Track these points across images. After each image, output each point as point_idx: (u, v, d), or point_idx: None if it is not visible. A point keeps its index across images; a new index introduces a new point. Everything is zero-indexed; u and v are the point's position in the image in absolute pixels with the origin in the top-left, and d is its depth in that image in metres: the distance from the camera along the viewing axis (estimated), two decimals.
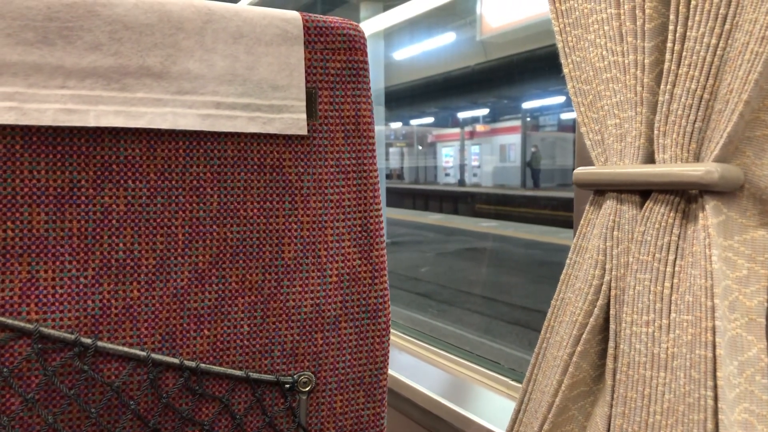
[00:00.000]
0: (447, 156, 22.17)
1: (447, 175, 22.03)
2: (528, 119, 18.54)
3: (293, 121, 0.64)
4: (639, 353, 0.57)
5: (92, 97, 0.56)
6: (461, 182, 20.45)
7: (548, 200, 13.24)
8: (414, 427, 1.22)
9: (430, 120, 22.55)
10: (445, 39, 11.08)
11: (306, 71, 0.64)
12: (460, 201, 16.29)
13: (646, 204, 0.60)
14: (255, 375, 0.64)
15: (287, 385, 0.65)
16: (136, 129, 0.59)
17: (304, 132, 0.64)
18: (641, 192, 0.61)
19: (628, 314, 0.59)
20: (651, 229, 0.58)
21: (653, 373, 0.56)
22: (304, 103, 0.64)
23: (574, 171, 0.68)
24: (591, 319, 0.63)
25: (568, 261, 0.69)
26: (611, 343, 0.61)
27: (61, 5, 0.55)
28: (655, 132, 0.59)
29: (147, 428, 0.60)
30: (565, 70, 0.68)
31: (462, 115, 21.04)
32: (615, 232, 0.62)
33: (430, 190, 18.88)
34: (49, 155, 0.56)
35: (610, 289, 0.62)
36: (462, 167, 21.15)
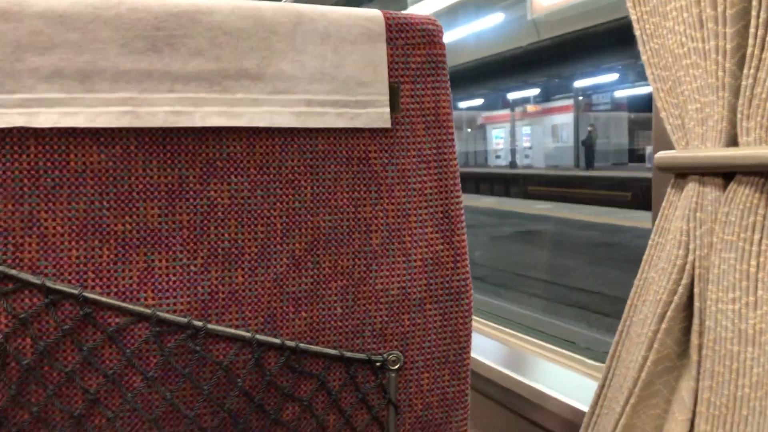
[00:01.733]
0: (497, 138, 21.91)
1: (498, 157, 21.78)
2: (580, 98, 18.16)
3: (378, 115, 0.67)
4: (725, 329, 0.59)
5: (197, 99, 0.61)
6: (512, 164, 20.21)
7: (602, 180, 12.97)
8: (490, 404, 1.25)
9: (479, 102, 22.29)
10: (494, 19, 10.92)
11: (388, 67, 0.67)
12: (511, 183, 16.11)
13: (729, 186, 0.61)
14: (348, 354, 0.68)
15: (378, 363, 0.69)
16: (237, 127, 0.63)
17: (388, 125, 0.67)
18: (724, 174, 0.62)
19: (713, 292, 0.60)
20: (735, 210, 0.59)
21: (741, 348, 0.57)
22: (388, 98, 0.67)
23: (655, 155, 0.69)
24: (675, 298, 0.64)
25: (650, 242, 0.70)
26: (696, 320, 0.63)
27: (167, 15, 0.60)
28: (738, 116, 0.60)
29: (252, 404, 0.64)
30: (644, 57, 0.69)
31: (513, 95, 20.72)
32: (698, 214, 0.63)
33: (481, 173, 18.68)
34: (160, 154, 0.61)
35: (694, 269, 0.63)
36: (513, 149, 20.87)
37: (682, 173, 0.67)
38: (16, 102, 0.57)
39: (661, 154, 0.68)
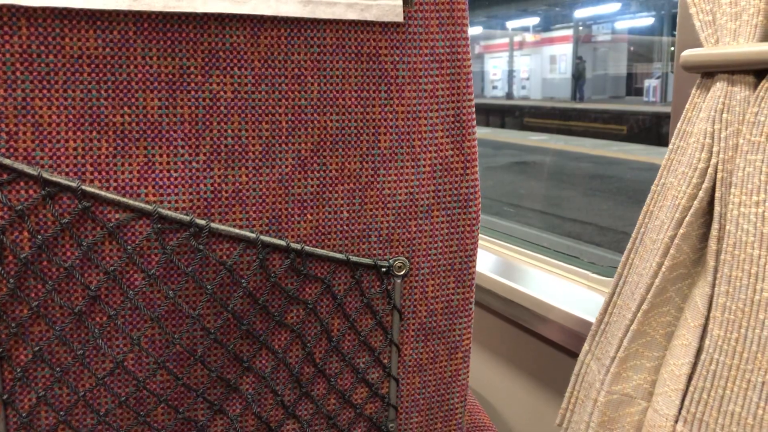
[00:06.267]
0: (495, 68, 21.61)
1: (494, 87, 21.54)
2: (580, 28, 17.81)
3: (390, 7, 0.63)
4: (747, 233, 0.58)
5: None
6: (509, 95, 20.01)
7: (599, 113, 12.87)
8: (490, 317, 1.26)
9: (478, 30, 21.82)
10: None
11: None
12: (507, 114, 15.98)
13: (761, 84, 0.58)
14: (354, 258, 0.66)
15: (383, 269, 0.68)
16: (241, 16, 0.59)
17: (400, 19, 0.64)
18: (756, 72, 0.59)
19: (736, 195, 0.59)
20: (765, 110, 0.57)
21: (761, 252, 0.56)
22: None
23: (681, 54, 0.66)
24: (695, 202, 0.63)
25: (670, 147, 0.68)
26: (715, 225, 0.61)
27: None
28: None
29: (256, 306, 0.63)
30: None
31: (511, 24, 20.30)
32: (724, 115, 0.61)
33: (477, 103, 18.45)
34: (159, 42, 0.57)
35: (716, 172, 0.61)
36: (510, 80, 20.62)
37: (709, 72, 0.64)
38: None
39: (688, 53, 0.65)
